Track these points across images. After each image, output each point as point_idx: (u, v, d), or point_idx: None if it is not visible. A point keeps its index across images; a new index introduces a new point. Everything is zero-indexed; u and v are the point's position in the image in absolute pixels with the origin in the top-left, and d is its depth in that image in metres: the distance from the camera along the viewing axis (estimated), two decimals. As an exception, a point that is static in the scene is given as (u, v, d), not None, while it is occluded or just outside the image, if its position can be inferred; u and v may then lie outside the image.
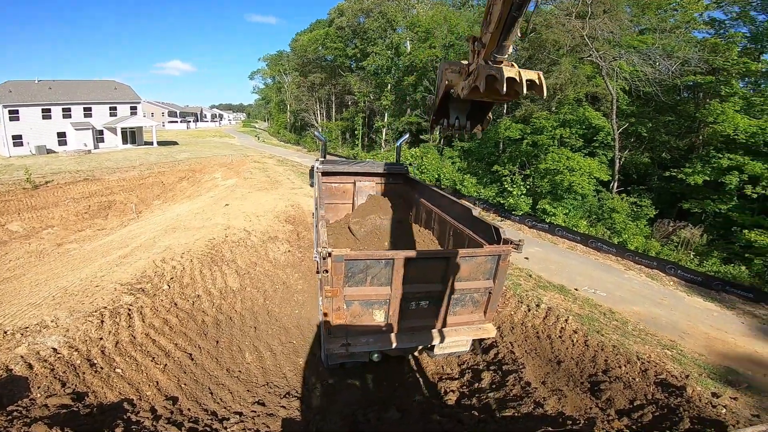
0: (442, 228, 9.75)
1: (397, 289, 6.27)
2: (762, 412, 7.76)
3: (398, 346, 6.77)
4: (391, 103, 42.32)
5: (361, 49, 45.85)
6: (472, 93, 4.74)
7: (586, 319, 11.95)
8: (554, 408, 7.61)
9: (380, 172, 12.94)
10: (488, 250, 6.65)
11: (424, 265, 6.36)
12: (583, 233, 20.97)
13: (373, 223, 10.05)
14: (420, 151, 34.16)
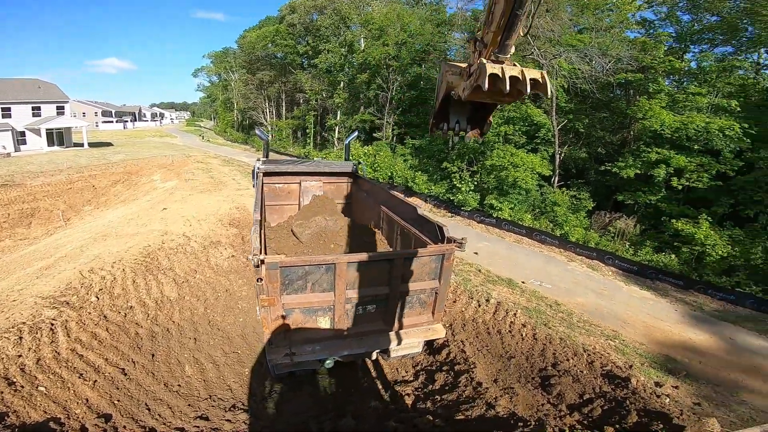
0: (390, 228, 9.48)
1: (341, 294, 6.02)
2: (702, 400, 8.01)
3: (347, 353, 6.51)
4: (344, 101, 41.59)
5: (313, 46, 44.82)
6: (473, 94, 4.46)
7: (534, 312, 12.02)
8: (506, 408, 7.40)
9: (328, 171, 12.39)
10: (431, 249, 6.48)
11: (368, 268, 6.12)
12: (528, 226, 21.46)
13: (319, 225, 9.45)
14: (373, 149, 33.73)
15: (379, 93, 36.71)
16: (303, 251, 8.63)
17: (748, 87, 22.07)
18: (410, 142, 33.51)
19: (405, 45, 34.27)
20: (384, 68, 35.24)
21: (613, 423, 6.36)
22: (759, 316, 13.69)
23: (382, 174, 31.09)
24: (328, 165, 12.59)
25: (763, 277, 15.27)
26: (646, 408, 6.60)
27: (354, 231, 9.97)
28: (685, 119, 19.38)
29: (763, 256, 15.90)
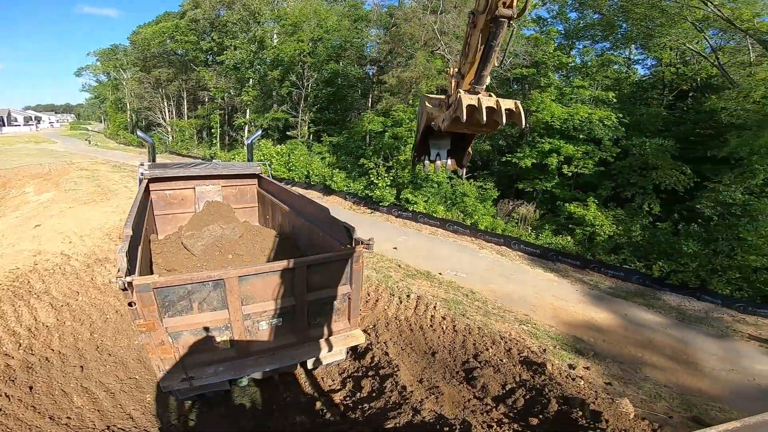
0: (298, 231, 8.85)
1: (237, 311, 5.50)
2: (612, 379, 8.46)
3: (256, 371, 6.09)
4: (254, 99, 39.12)
5: (219, 42, 41.48)
6: (452, 125, 4.53)
7: (452, 303, 12.03)
8: (432, 412, 7.07)
9: (227, 174, 11.17)
10: (337, 254, 6.11)
11: (266, 280, 5.61)
12: (442, 218, 21.88)
13: (213, 235, 8.30)
14: (287, 148, 32.11)
15: (292, 90, 35.10)
16: (196, 265, 7.54)
17: (621, 80, 24.80)
18: (327, 140, 32.50)
19: (321, 41, 33.13)
20: (298, 65, 33.81)
21: (537, 414, 6.33)
22: (645, 291, 15.20)
23: (297, 173, 29.73)
24: (228, 167, 11.41)
25: (644, 253, 17.07)
26: (564, 395, 6.69)
27: (260, 237, 9.05)
28: (572, 111, 21.06)
29: (641, 233, 17.82)
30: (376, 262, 15.21)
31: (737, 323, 12.76)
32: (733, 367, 9.79)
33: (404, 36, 25.44)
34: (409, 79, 24.86)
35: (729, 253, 14.96)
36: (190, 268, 7.71)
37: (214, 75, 42.62)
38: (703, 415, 7.57)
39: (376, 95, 29.53)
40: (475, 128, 4.63)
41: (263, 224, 11.36)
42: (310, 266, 5.82)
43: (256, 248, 8.44)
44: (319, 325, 6.61)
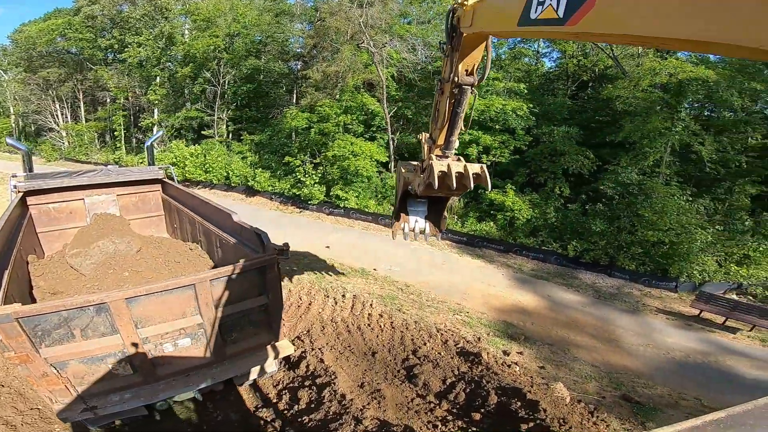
0: (209, 240, 8.01)
1: (132, 335, 5.03)
2: (545, 362, 8.62)
3: (170, 395, 5.62)
4: (163, 98, 35.63)
5: (120, 39, 37.18)
6: (427, 189, 4.90)
7: (388, 299, 11.71)
8: (375, 418, 6.63)
9: (123, 181, 9.78)
10: (246, 264, 5.54)
11: (163, 300, 5.11)
12: (374, 212, 21.58)
13: (104, 251, 7.11)
14: (202, 148, 29.62)
15: (207, 87, 32.48)
16: (86, 286, 6.45)
17: (531, 72, 26.15)
18: (248, 138, 30.54)
19: (239, 36, 30.95)
20: (213, 61, 31.39)
21: (478, 408, 6.16)
22: (563, 271, 16.10)
23: (216, 175, 27.60)
24: (125, 173, 10.05)
25: (559, 234, 18.17)
26: (502, 385, 6.60)
27: (164, 249, 7.99)
28: (488, 102, 21.75)
29: (555, 215, 18.94)
30: (308, 263, 14.45)
31: (645, 297, 13.95)
32: (649, 341, 10.57)
33: (329, 30, 24.59)
34: (335, 74, 24.10)
35: (630, 229, 16.37)
36: (79, 290, 6.63)
37: (115, 74, 38.33)
38: (631, 392, 7.98)
39: (301, 91, 28.28)
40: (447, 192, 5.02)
41: (172, 234, 10.15)
42: (213, 280, 5.30)
43: (159, 262, 7.35)
44: (238, 341, 6.12)
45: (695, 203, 16.66)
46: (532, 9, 2.97)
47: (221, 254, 7.58)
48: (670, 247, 15.31)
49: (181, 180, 28.72)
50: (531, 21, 3.03)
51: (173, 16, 35.20)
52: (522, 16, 3.12)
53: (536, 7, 2.94)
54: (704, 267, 14.79)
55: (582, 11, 2.49)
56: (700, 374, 9.00)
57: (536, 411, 5.68)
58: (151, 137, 11.61)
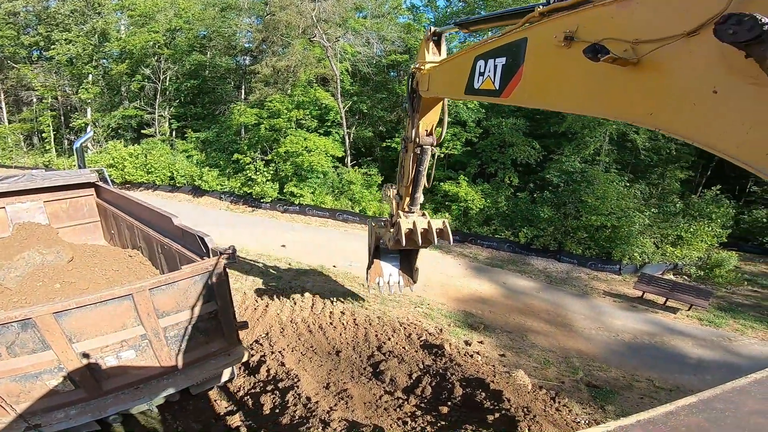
0: (149, 246, 7.55)
1: (67, 350, 4.76)
2: (504, 350, 8.70)
3: (119, 409, 5.37)
4: (97, 96, 32.82)
5: (46, 36, 33.77)
6: (396, 245, 5.29)
7: (349, 295, 11.43)
8: (343, 419, 6.39)
9: (49, 186, 8.83)
10: (188, 271, 5.26)
11: (98, 312, 4.81)
12: (331, 208, 21.16)
13: (31, 263, 6.37)
14: (142, 148, 27.62)
15: (145, 84, 30.26)
16: (13, 301, 5.79)
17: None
18: (193, 136, 28.84)
19: (180, 31, 29.03)
20: (152, 57, 29.35)
21: (445, 401, 6.10)
22: (516, 258, 16.53)
23: (159, 175, 25.86)
24: (51, 177, 9.16)
25: (510, 221, 18.67)
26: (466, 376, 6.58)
27: (100, 259, 7.31)
28: (447, 92, 21.89)
29: (506, 204, 19.45)
30: (263, 263, 13.83)
31: (592, 281, 14.60)
32: (599, 324, 11.03)
33: (280, 24, 23.62)
34: (286, 68, 23.24)
35: (575, 215, 17.13)
36: (4, 305, 5.96)
37: (41, 72, 34.87)
38: (588, 375, 8.26)
39: (250, 86, 27.06)
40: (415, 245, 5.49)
41: (110, 241, 9.34)
42: (153, 289, 5.03)
43: (95, 272, 6.68)
44: (189, 350, 5.85)
45: (632, 188, 17.72)
46: (475, 80, 3.56)
47: (164, 261, 7.13)
48: (612, 231, 16.18)
49: (121, 183, 26.78)
50: (475, 90, 3.60)
51: (107, 11, 32.49)
52: (467, 85, 3.68)
53: (478, 78, 3.52)
54: (643, 249, 15.75)
55: (511, 85, 3.06)
56: (649, 355, 9.50)
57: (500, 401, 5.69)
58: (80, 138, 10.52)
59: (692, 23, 1.78)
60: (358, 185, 22.23)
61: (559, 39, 2.49)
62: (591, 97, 2.42)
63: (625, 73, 2.11)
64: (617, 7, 2.18)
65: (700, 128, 1.84)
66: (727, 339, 10.46)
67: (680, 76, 1.89)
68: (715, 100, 1.75)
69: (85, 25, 32.52)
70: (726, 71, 1.68)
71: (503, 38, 3.20)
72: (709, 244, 16.36)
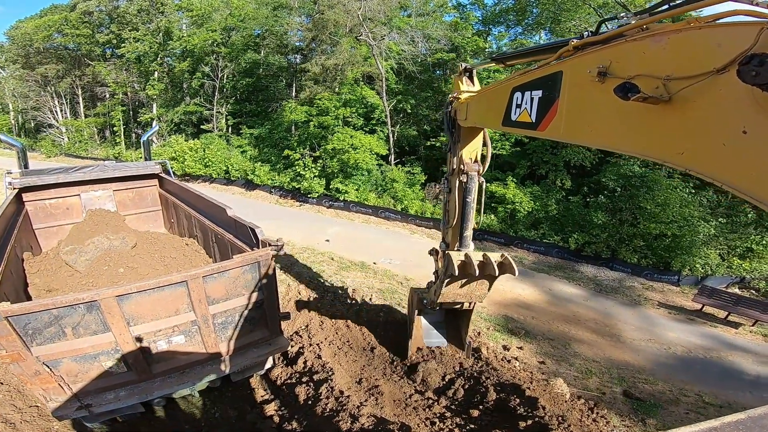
0: (205, 235, 7.91)
1: (124, 333, 4.99)
2: (545, 357, 8.49)
3: (166, 392, 5.61)
4: (162, 93, 35.44)
5: (118, 34, 37.03)
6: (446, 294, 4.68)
7: (387, 292, 11.58)
8: (372, 415, 6.54)
9: (119, 177, 9.70)
10: (239, 260, 5.43)
11: (155, 297, 5.03)
12: (373, 205, 21.45)
13: (99, 247, 7.03)
14: (201, 143, 29.47)
15: (205, 81, 32.24)
16: (81, 283, 6.40)
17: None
18: (247, 132, 30.36)
19: (235, 30, 30.69)
20: (211, 55, 31.22)
21: (477, 404, 6.06)
22: (563, 264, 15.91)
23: (215, 169, 27.47)
24: (121, 168, 9.99)
25: (560, 226, 18.00)
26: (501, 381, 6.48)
27: (161, 246, 7.89)
28: (488, 92, 21.44)
29: (557, 208, 18.74)
30: (307, 257, 14.33)
31: (646, 291, 13.75)
32: (650, 336, 10.42)
33: (328, 23, 24.29)
34: (334, 67, 23.84)
35: (632, 221, 16.17)
36: (74, 287, 6.56)
37: (113, 69, 38.10)
38: (632, 388, 7.85)
39: (300, 84, 28.05)
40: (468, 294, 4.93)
41: (169, 230, 10.06)
42: (206, 277, 5.21)
43: (154, 258, 7.26)
44: (234, 338, 6.05)
45: (698, 195, 16.42)
46: (512, 112, 3.55)
47: (217, 249, 7.47)
48: (673, 240, 15.13)
49: (181, 175, 28.71)
50: (512, 122, 3.59)
51: (169, 11, 34.88)
52: (505, 116, 3.67)
53: (515, 110, 3.52)
54: (707, 260, 14.62)
55: (547, 119, 3.05)
56: (702, 370, 8.88)
57: (535, 408, 5.57)
58: (147, 132, 11.46)
59: (721, 60, 1.75)
60: (401, 183, 22.38)
61: (593, 74, 2.48)
62: (624, 135, 2.41)
63: (657, 111, 2.10)
64: (650, 42, 2.17)
65: (730, 170, 1.81)
66: (793, 358, 9.51)
67: (710, 114, 1.87)
68: (745, 141, 1.70)
69: (150, 23, 35.00)
70: (755, 111, 1.64)
71: (540, 70, 3.22)
72: (783, 259, 14.86)
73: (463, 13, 26.24)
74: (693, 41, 1.96)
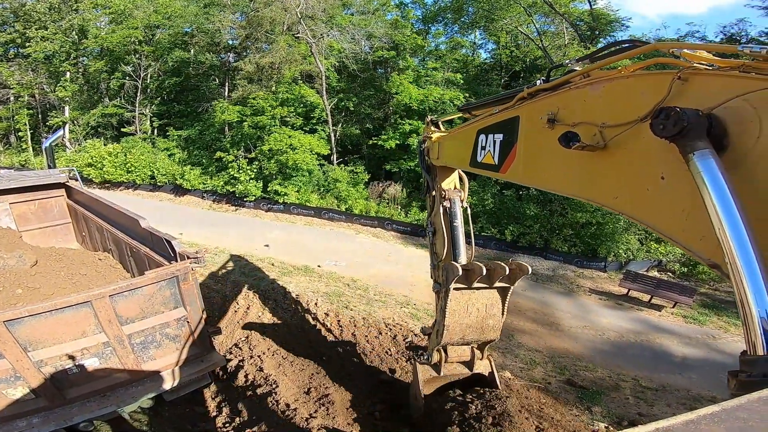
0: (120, 249, 7.29)
1: (22, 359, 4.58)
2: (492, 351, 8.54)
3: (87, 416, 5.17)
4: (75, 94, 31.99)
5: (23, 33, 32.87)
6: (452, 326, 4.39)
7: (334, 296, 11.19)
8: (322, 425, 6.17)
9: (16, 188, 8.46)
10: (152, 276, 5.06)
11: (55, 320, 4.62)
12: (316, 206, 20.90)
13: None
14: (122, 147, 26.92)
15: (126, 82, 29.55)
16: None
17: (468, 63, 26.67)
18: (175, 134, 28.21)
19: (160, 28, 28.43)
20: (131, 54, 28.72)
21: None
22: (501, 256, 16.45)
23: (139, 174, 25.26)
24: (18, 178, 8.78)
25: (497, 219, 18.59)
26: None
27: (67, 263, 6.99)
28: (426, 92, 21.81)
29: (492, 201, 19.36)
30: (245, 264, 13.49)
31: (578, 278, 14.59)
32: (585, 323, 10.98)
33: (264, 20, 23.21)
34: (270, 65, 22.82)
35: (561, 212, 17.15)
36: None
37: (17, 70, 33.86)
38: (575, 376, 8.16)
39: (233, 83, 26.59)
40: (479, 323, 4.58)
41: (82, 244, 8.94)
42: (115, 296, 4.81)
43: (60, 277, 6.36)
44: (158, 357, 5.65)
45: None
46: (478, 153, 3.74)
47: (134, 264, 6.88)
48: (597, 228, 16.23)
49: (100, 182, 26.09)
50: (478, 163, 3.75)
51: (84, 8, 31.64)
52: (472, 157, 3.87)
53: (480, 152, 3.69)
54: (628, 246, 15.83)
55: (508, 162, 3.19)
56: (634, 354, 9.48)
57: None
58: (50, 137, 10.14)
59: (644, 109, 1.86)
60: (344, 183, 21.98)
61: (543, 120, 2.60)
62: (570, 180, 2.53)
63: (595, 158, 2.24)
64: (589, 90, 2.30)
65: (653, 213, 1.93)
66: (711, 337, 10.51)
67: (637, 161, 2.00)
68: (663, 185, 1.84)
69: (61, 22, 31.71)
70: (670, 159, 1.74)
71: (500, 114, 3.35)
72: (692, 241, 16.51)
73: (404, 12, 26.49)
74: (621, 89, 2.09)
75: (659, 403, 7.54)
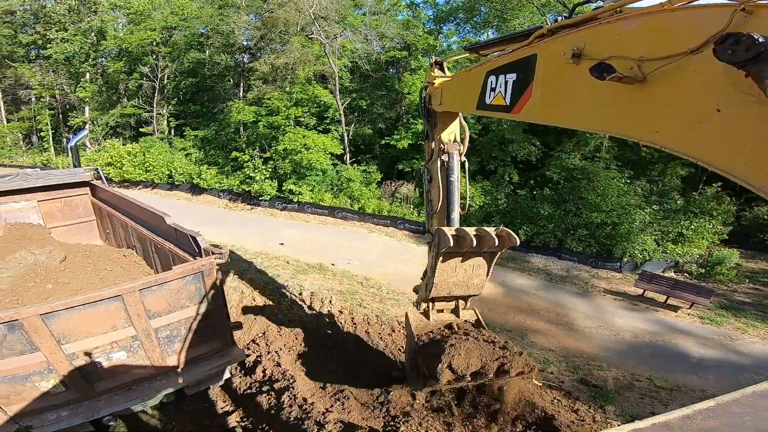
0: (144, 245, 7.44)
1: (55, 352, 4.69)
2: None
3: (113, 410, 5.30)
4: (95, 95, 32.82)
5: (44, 35, 33.92)
6: (440, 283, 4.62)
7: (348, 294, 11.35)
8: (338, 420, 6.31)
9: (43, 186, 8.77)
10: (179, 271, 5.16)
11: (87, 313, 4.71)
12: (329, 206, 21.08)
13: (23, 263, 6.34)
14: (140, 147, 27.54)
15: (143, 82, 30.21)
16: (5, 301, 5.76)
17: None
18: (192, 134, 28.76)
19: (178, 29, 29.04)
20: (149, 55, 29.37)
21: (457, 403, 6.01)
22: (515, 255, 16.38)
23: (157, 174, 25.81)
24: (45, 176, 9.05)
25: (510, 219, 18.54)
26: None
27: (94, 259, 7.27)
28: (441, 91, 21.77)
29: (506, 201, 19.34)
30: (261, 262, 13.74)
31: (593, 278, 14.46)
32: (600, 323, 10.91)
33: (278, 21, 23.54)
34: (285, 66, 23.13)
35: (576, 212, 17.01)
36: None
37: (39, 71, 34.89)
38: (588, 376, 8.14)
39: (248, 84, 26.99)
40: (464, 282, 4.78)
41: (106, 241, 9.23)
42: (144, 290, 4.94)
43: (88, 272, 6.59)
44: (182, 351, 5.79)
45: (633, 185, 17.59)
46: (487, 95, 3.61)
47: (158, 260, 7.05)
48: (613, 228, 16.06)
49: (119, 181, 26.76)
50: (486, 105, 3.65)
51: (103, 9, 32.40)
52: (479, 100, 3.74)
53: (489, 94, 3.57)
54: (644, 246, 15.64)
55: (522, 101, 3.10)
56: (650, 354, 9.39)
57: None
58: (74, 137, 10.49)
59: (695, 41, 1.78)
60: (357, 182, 22.15)
61: (567, 56, 2.51)
62: (599, 115, 2.46)
63: (632, 91, 2.13)
64: (622, 24, 2.20)
65: (704, 147, 1.85)
66: (728, 338, 10.35)
67: (685, 94, 1.91)
68: (719, 118, 1.74)
69: (81, 23, 32.52)
70: (729, 90, 1.68)
71: (514, 54, 3.24)
72: (710, 242, 16.25)
73: (415, 12, 26.49)
74: (666, 23, 1.98)
75: (673, 403, 7.49)
